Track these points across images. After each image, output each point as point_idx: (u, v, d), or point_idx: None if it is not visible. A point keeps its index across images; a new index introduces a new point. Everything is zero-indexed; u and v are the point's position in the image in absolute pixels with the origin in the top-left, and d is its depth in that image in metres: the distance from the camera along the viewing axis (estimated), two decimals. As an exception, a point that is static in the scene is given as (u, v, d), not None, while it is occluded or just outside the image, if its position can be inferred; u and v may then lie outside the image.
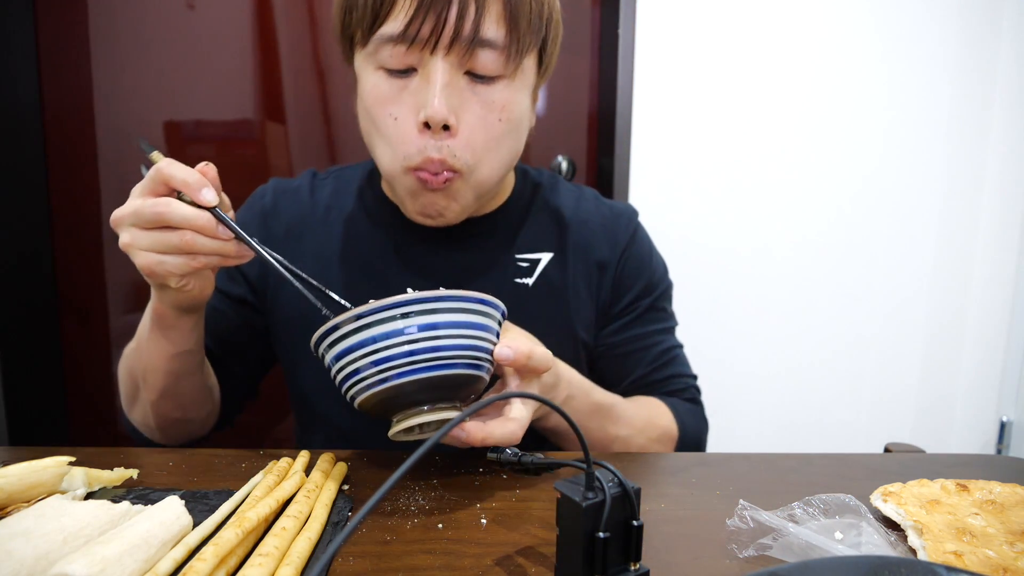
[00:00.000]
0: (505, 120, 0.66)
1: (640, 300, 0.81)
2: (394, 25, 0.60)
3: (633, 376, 0.81)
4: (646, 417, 0.75)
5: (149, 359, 0.66)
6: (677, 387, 0.82)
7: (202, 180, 0.54)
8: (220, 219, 0.54)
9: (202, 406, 0.73)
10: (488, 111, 0.64)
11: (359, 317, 0.47)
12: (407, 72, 0.63)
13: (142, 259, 0.54)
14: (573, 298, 0.78)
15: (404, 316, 0.47)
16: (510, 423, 0.52)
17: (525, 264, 0.78)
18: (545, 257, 0.78)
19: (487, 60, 0.62)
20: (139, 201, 0.54)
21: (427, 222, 0.70)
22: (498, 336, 0.54)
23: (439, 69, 0.61)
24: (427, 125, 0.62)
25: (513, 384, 0.56)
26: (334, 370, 0.51)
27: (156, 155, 0.56)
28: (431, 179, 0.64)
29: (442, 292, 0.48)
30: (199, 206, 0.54)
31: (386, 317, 0.47)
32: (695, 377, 0.85)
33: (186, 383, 0.69)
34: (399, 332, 0.47)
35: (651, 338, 0.81)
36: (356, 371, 0.49)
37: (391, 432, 0.51)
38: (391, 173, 0.67)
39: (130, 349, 0.69)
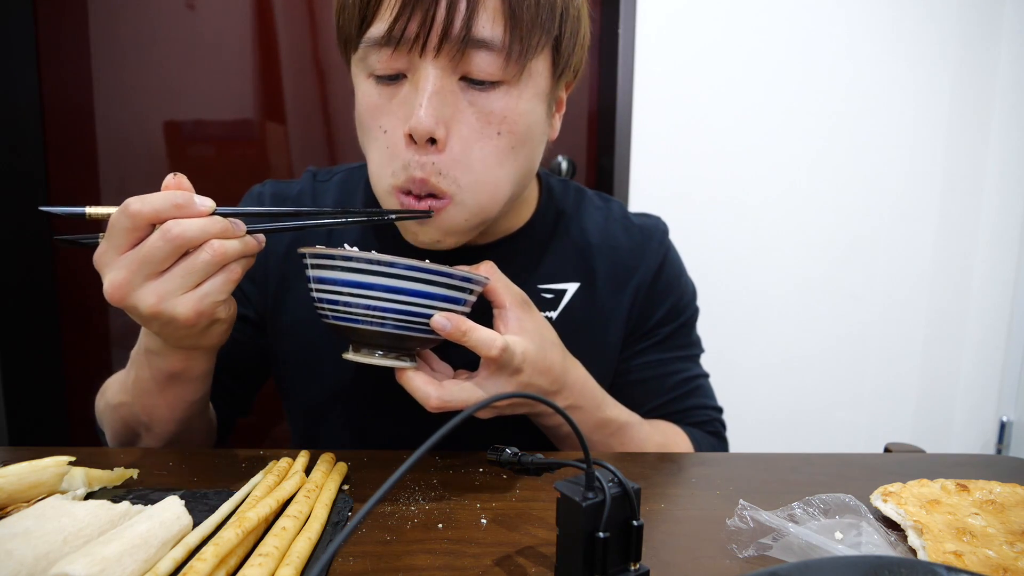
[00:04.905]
0: (507, 133, 0.58)
1: (664, 325, 0.75)
2: (380, 26, 0.54)
3: (651, 404, 0.75)
4: (659, 443, 0.70)
5: (157, 412, 0.60)
6: (699, 419, 0.76)
7: (187, 193, 0.48)
8: (227, 216, 0.49)
9: (205, 439, 0.70)
10: (485, 123, 0.57)
11: (347, 259, 0.50)
12: (397, 78, 0.57)
13: (185, 307, 0.47)
14: (603, 329, 0.72)
15: (389, 276, 0.50)
16: (471, 390, 0.54)
17: (549, 296, 0.71)
18: (571, 288, 0.72)
19: (483, 63, 0.55)
20: (139, 251, 0.46)
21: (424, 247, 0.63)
22: (469, 304, 0.55)
23: (428, 75, 0.54)
24: (413, 138, 0.56)
25: (483, 372, 0.56)
26: (311, 284, 0.53)
27: (93, 208, 0.47)
28: (413, 203, 0.57)
29: (431, 266, 0.50)
30: None
31: (371, 270, 0.50)
32: (720, 410, 0.79)
33: (196, 424, 0.65)
34: (373, 286, 0.50)
35: (673, 365, 0.75)
36: (328, 299, 0.52)
37: (345, 355, 0.55)
38: (379, 194, 0.61)
39: (118, 402, 0.63)
